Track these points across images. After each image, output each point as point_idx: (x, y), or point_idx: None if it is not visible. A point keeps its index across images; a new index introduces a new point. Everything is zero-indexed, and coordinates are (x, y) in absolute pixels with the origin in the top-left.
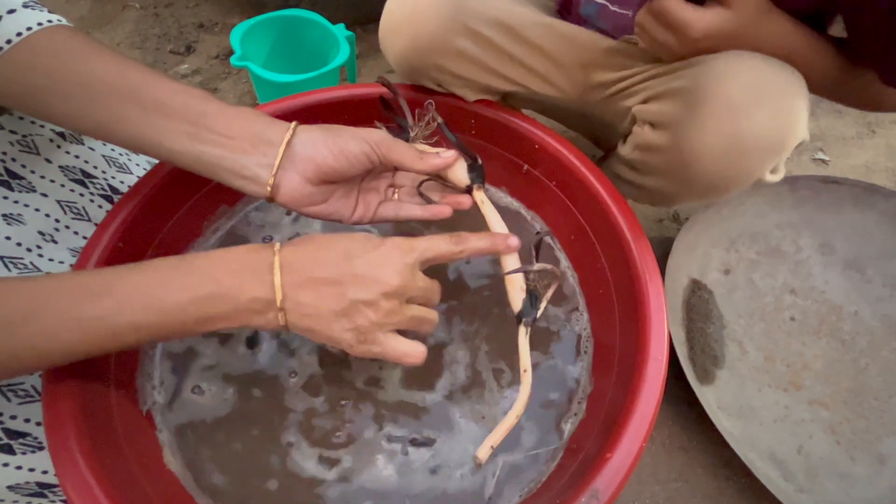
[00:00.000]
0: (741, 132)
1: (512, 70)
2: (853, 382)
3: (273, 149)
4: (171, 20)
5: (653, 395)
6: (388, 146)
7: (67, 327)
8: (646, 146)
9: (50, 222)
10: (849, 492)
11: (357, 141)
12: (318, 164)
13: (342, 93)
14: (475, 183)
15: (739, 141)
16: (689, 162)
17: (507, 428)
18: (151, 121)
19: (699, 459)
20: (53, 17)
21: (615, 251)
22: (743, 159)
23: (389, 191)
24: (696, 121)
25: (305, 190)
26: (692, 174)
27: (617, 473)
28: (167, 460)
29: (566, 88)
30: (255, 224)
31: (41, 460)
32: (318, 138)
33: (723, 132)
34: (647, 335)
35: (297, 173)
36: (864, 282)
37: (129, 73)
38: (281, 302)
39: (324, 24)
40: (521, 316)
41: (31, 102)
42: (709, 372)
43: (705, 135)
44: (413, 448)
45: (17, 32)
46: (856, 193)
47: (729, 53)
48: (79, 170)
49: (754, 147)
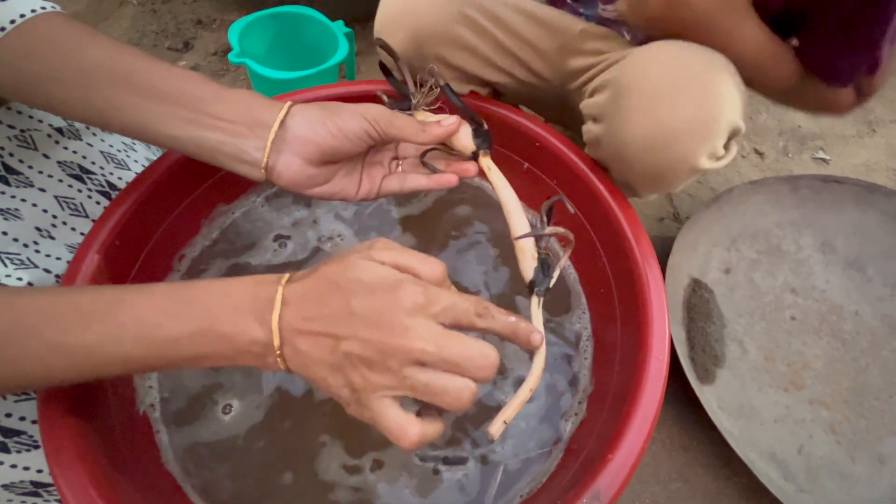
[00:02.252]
0: (662, 121)
1: (501, 58)
2: (854, 382)
3: (267, 130)
4: (169, 16)
5: (654, 396)
6: (388, 120)
7: (54, 353)
8: (591, 141)
9: (47, 218)
10: (850, 492)
11: (356, 118)
12: (318, 144)
13: (341, 90)
14: (481, 149)
15: (662, 130)
16: (622, 154)
17: (521, 402)
18: (148, 107)
19: (699, 459)
20: (47, 4)
21: (616, 250)
22: (669, 149)
23: (393, 164)
24: (622, 113)
25: (306, 172)
26: (629, 166)
27: (618, 474)
28: (165, 460)
29: (547, 75)
30: (254, 221)
31: (36, 459)
32: (316, 118)
33: (645, 123)
34: (648, 334)
35: (296, 155)
36: (865, 281)
37: (124, 59)
38: (279, 347)
39: (322, 20)
40: (532, 285)
41: (27, 90)
42: (709, 371)
43: (630, 126)
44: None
45: (11, 19)
46: (857, 192)
47: (656, 43)
48: (77, 165)
49: (678, 135)
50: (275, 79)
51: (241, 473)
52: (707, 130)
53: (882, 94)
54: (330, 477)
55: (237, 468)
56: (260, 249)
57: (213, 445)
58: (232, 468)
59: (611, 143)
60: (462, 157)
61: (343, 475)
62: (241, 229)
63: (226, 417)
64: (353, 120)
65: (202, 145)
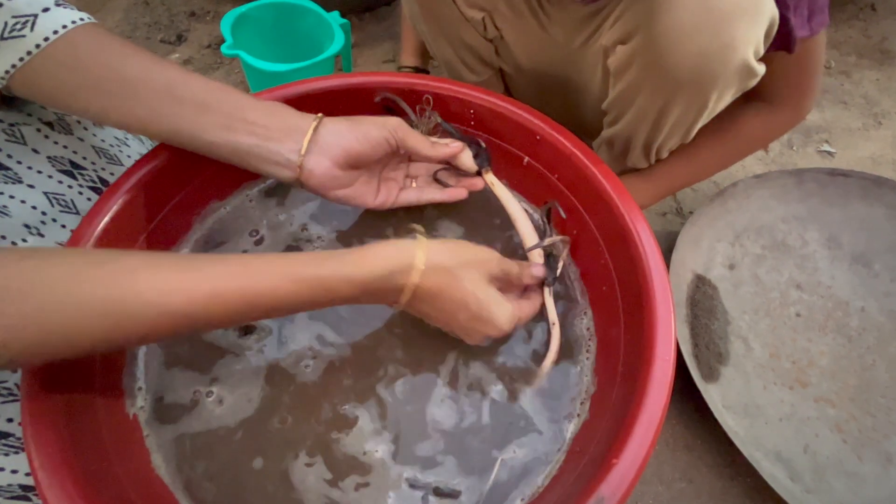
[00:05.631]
0: (709, 2)
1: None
2: (860, 379)
3: (302, 136)
4: (162, 8)
5: (660, 398)
6: (405, 132)
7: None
8: (621, 68)
9: (36, 214)
10: (857, 492)
11: (377, 127)
12: (345, 148)
13: (337, 82)
14: (482, 167)
15: (709, 10)
16: (666, 51)
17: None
18: (188, 115)
19: (704, 459)
20: (84, 16)
21: (619, 246)
22: (718, 32)
23: (407, 180)
24: (664, 5)
25: (333, 173)
26: (672, 64)
27: (623, 480)
28: (155, 465)
29: (555, 34)
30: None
31: (24, 462)
32: (343, 127)
33: (691, 4)
34: (653, 334)
35: (325, 157)
36: (872, 276)
37: (165, 71)
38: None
39: (318, 11)
40: (544, 280)
41: (66, 99)
42: (713, 369)
43: (676, 12)
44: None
45: (54, 30)
46: (863, 186)
47: None
48: (67, 161)
49: (726, 16)
50: (269, 71)
51: (231, 478)
52: (755, 12)
53: (888, 87)
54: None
55: (228, 473)
56: (239, 244)
57: (204, 449)
58: (223, 473)
59: (651, 46)
60: (468, 174)
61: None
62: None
63: (218, 420)
64: (375, 128)
65: (237, 149)
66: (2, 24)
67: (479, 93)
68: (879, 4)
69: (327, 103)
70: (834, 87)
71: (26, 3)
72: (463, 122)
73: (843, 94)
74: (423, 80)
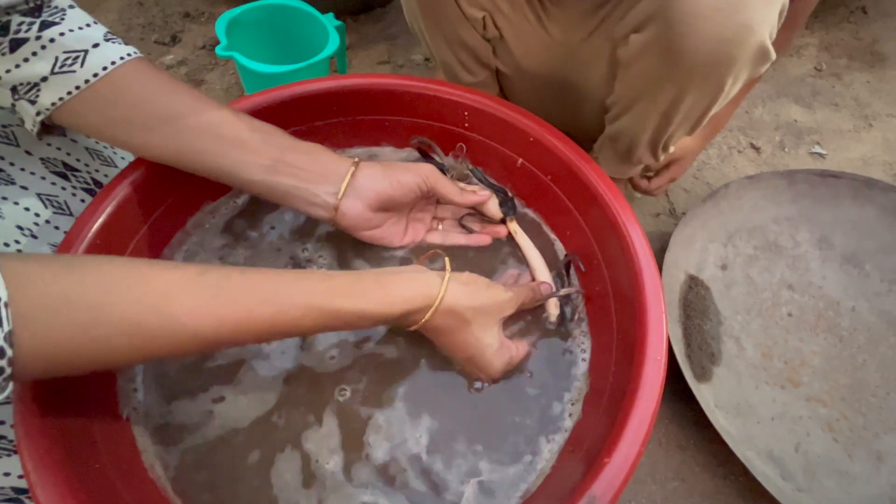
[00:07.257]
0: None
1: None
2: (851, 379)
3: (340, 179)
4: (156, 9)
5: (651, 398)
6: (436, 178)
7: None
8: (634, 57)
9: (29, 216)
10: (848, 490)
11: (410, 173)
12: (378, 192)
13: (331, 84)
14: (507, 215)
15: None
16: (684, 35)
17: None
18: (231, 154)
19: (697, 458)
20: (132, 50)
21: (612, 247)
22: (737, 12)
23: (434, 222)
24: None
25: (366, 215)
26: (690, 48)
27: (615, 478)
28: (147, 466)
29: (554, 33)
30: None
31: (17, 464)
32: (378, 172)
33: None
34: (645, 334)
35: (359, 200)
36: (863, 277)
37: (210, 110)
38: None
39: (313, 13)
40: (558, 323)
41: (109, 131)
42: (706, 369)
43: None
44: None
45: (104, 66)
46: (854, 187)
47: None
48: (61, 162)
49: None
50: (263, 73)
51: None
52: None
53: (879, 89)
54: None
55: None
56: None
57: (198, 451)
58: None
59: (668, 29)
60: (492, 221)
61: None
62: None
63: (213, 422)
64: (408, 174)
65: (275, 189)
66: (52, 59)
67: (473, 95)
68: (870, 7)
69: (321, 106)
70: (825, 89)
71: (76, 38)
72: (457, 123)
73: (834, 96)
74: (418, 81)
